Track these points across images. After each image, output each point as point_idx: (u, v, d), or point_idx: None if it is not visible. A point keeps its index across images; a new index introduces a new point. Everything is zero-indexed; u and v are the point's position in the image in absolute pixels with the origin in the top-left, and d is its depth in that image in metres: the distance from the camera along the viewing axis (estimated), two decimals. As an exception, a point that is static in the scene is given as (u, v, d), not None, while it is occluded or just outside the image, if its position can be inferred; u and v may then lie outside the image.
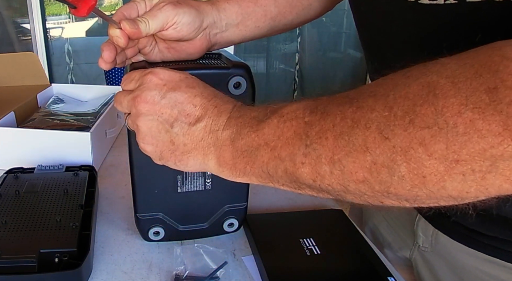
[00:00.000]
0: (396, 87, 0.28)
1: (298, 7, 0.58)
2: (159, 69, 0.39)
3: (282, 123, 0.33)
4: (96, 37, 2.78)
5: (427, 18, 0.38)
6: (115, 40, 0.45)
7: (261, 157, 0.34)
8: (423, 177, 0.26)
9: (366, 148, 0.28)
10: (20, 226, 0.52)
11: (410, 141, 0.25)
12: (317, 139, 0.30)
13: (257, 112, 0.36)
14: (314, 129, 0.31)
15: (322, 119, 0.30)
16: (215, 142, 0.37)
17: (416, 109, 0.25)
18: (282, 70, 3.19)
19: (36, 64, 1.02)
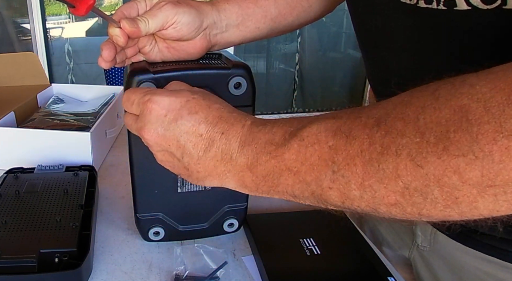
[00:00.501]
0: (425, 109, 0.27)
1: (298, 8, 0.58)
2: (158, 96, 0.37)
3: (303, 148, 0.31)
4: (96, 37, 2.78)
5: (424, 21, 0.38)
6: (115, 39, 0.45)
7: (284, 181, 0.33)
8: (456, 198, 0.26)
9: (397, 175, 0.27)
10: (20, 226, 0.52)
11: (444, 169, 0.25)
12: (345, 166, 0.29)
13: (271, 134, 0.34)
14: (341, 155, 0.29)
15: (348, 144, 0.29)
16: (231, 169, 0.36)
17: (449, 136, 0.25)
18: (282, 70, 3.19)
19: (36, 64, 1.02)
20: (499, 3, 0.32)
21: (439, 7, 0.36)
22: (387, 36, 0.45)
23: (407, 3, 0.39)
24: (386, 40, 0.45)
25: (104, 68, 0.51)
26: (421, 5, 0.37)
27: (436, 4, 0.36)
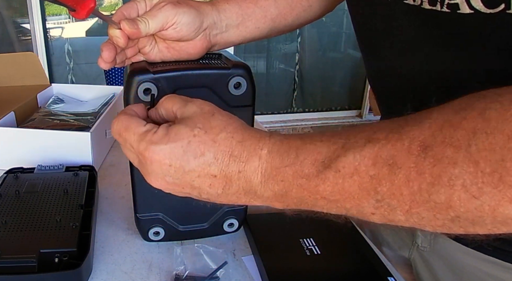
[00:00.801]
0: (476, 134, 0.25)
1: (298, 8, 0.58)
2: (156, 146, 0.33)
3: (341, 180, 0.29)
4: (96, 37, 2.78)
5: (428, 22, 0.38)
6: (115, 40, 0.45)
7: (320, 207, 0.32)
8: (508, 224, 0.26)
9: (449, 205, 0.26)
10: (20, 226, 0.52)
11: (500, 198, 0.24)
12: (390, 196, 0.28)
13: (297, 166, 0.31)
14: (385, 185, 0.28)
15: (393, 174, 0.27)
16: (256, 199, 0.34)
17: (506, 165, 0.24)
18: (282, 70, 3.19)
19: (36, 64, 1.02)
20: (503, 8, 0.31)
21: (442, 9, 0.36)
22: (389, 37, 0.45)
23: (411, 4, 0.39)
24: (388, 40, 0.45)
25: (104, 69, 0.51)
26: (425, 6, 0.37)
27: (440, 6, 0.36)
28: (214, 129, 0.33)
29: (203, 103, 0.36)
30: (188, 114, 0.35)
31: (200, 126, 0.33)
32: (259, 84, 2.64)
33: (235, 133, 0.34)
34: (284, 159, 0.32)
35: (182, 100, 0.36)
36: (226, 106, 0.49)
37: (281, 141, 0.33)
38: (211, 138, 0.33)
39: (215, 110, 0.35)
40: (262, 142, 0.33)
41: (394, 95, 0.50)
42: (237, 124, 0.35)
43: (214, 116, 0.34)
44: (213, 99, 0.48)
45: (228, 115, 0.35)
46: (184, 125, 0.34)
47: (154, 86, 0.46)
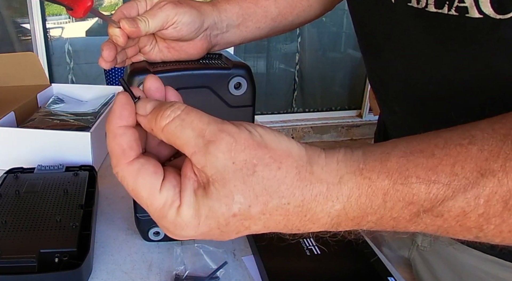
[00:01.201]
0: None
1: (298, 7, 0.58)
2: (183, 231, 0.26)
3: (440, 222, 0.25)
4: (96, 37, 2.78)
5: (433, 25, 0.38)
6: (115, 39, 0.45)
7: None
8: None
9: None
10: (20, 226, 0.52)
11: None
12: (495, 234, 0.25)
13: (384, 212, 0.25)
14: (494, 223, 0.24)
15: (507, 210, 0.23)
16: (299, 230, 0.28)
17: None
18: (282, 70, 3.19)
19: (36, 64, 1.02)
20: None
21: (450, 12, 0.35)
22: (392, 39, 0.44)
23: (415, 6, 0.38)
24: (390, 42, 0.45)
25: (105, 69, 0.50)
26: (430, 9, 0.37)
27: (447, 9, 0.35)
28: (260, 198, 0.25)
29: (232, 146, 0.25)
30: (214, 172, 0.25)
31: (240, 200, 0.25)
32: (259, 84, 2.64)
33: (292, 197, 0.25)
34: (365, 208, 0.25)
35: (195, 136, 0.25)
36: (226, 107, 0.49)
37: (360, 184, 0.25)
38: (258, 211, 0.25)
39: (255, 157, 0.25)
40: (334, 194, 0.25)
41: (395, 97, 0.50)
42: (291, 174, 0.25)
43: (257, 175, 0.25)
44: (213, 100, 0.48)
45: (276, 162, 0.25)
46: (217, 201, 0.25)
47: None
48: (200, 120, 0.25)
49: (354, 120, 3.31)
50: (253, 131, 0.25)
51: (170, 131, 0.25)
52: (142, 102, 0.28)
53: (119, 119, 0.27)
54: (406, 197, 0.24)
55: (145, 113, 0.27)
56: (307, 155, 0.26)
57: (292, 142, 0.26)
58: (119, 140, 0.27)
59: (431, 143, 0.25)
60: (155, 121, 0.26)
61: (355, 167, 0.25)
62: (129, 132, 0.27)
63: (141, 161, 0.27)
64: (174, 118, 0.25)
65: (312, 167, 0.25)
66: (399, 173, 0.24)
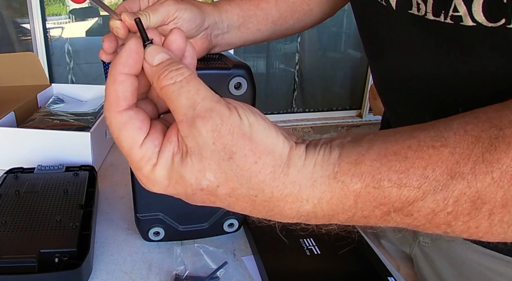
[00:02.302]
0: None
1: (299, 11, 0.58)
2: (153, 186, 0.28)
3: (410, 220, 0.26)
4: (96, 37, 2.78)
5: (432, 32, 0.39)
6: (115, 31, 0.45)
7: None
8: None
9: None
10: (20, 226, 0.52)
11: None
12: (463, 230, 0.26)
13: (355, 211, 0.26)
14: (461, 220, 0.25)
15: (474, 209, 0.24)
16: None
17: None
18: (282, 70, 3.19)
19: (36, 64, 1.02)
20: (504, 22, 0.32)
21: (446, 20, 0.36)
22: (394, 44, 0.45)
23: (415, 14, 0.39)
24: (392, 47, 0.46)
25: (105, 62, 0.50)
26: (429, 17, 0.38)
27: (443, 18, 0.36)
28: (230, 183, 0.26)
29: (217, 127, 0.25)
30: (193, 145, 0.26)
31: (210, 178, 0.26)
32: (259, 84, 2.64)
33: (261, 191, 0.26)
34: (336, 209, 0.26)
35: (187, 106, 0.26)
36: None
37: (333, 188, 0.25)
38: (225, 193, 0.26)
39: (235, 146, 0.25)
40: (304, 196, 0.26)
41: (398, 98, 0.51)
42: (266, 171, 0.25)
43: (232, 161, 0.25)
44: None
45: (254, 156, 0.25)
46: (189, 173, 0.26)
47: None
48: (197, 93, 0.26)
49: (354, 120, 3.31)
50: (244, 119, 0.26)
51: (167, 94, 0.26)
52: (152, 50, 0.28)
53: (122, 66, 0.27)
54: (378, 199, 0.25)
55: (151, 63, 0.28)
56: (288, 155, 0.26)
57: (279, 138, 0.26)
58: (116, 87, 0.27)
59: (404, 144, 0.25)
60: (157, 78, 0.27)
61: (330, 170, 0.26)
62: (129, 81, 0.27)
63: (130, 114, 0.27)
64: (175, 83, 0.26)
65: (289, 168, 0.26)
66: (372, 176, 0.25)
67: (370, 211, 0.25)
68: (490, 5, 0.32)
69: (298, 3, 0.58)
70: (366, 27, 0.51)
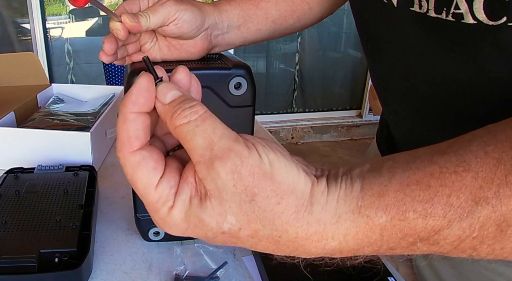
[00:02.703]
0: None
1: (299, 11, 0.58)
2: (171, 230, 0.27)
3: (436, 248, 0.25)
4: (96, 37, 2.78)
5: (434, 29, 0.39)
6: (115, 32, 0.45)
7: None
8: None
9: None
10: (20, 226, 0.52)
11: None
12: (488, 252, 0.25)
13: (381, 244, 0.25)
14: (486, 243, 0.25)
15: (500, 232, 0.24)
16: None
17: None
18: (282, 70, 3.19)
19: (36, 64, 1.02)
20: (505, 20, 0.32)
21: (447, 18, 0.36)
22: (394, 42, 0.45)
23: (416, 11, 0.39)
24: (392, 45, 0.46)
25: (105, 62, 0.50)
26: (430, 14, 0.37)
27: (445, 15, 0.36)
28: (252, 225, 0.25)
29: (237, 168, 0.24)
30: (213, 187, 0.25)
31: (232, 221, 0.25)
32: (259, 84, 2.64)
33: (285, 232, 0.25)
34: (361, 243, 0.25)
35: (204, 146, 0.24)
36: (227, 107, 0.49)
37: (358, 223, 0.25)
38: (247, 234, 0.25)
39: (257, 187, 0.24)
40: (330, 234, 0.25)
41: (397, 97, 0.50)
42: (289, 211, 0.24)
43: (254, 203, 0.24)
44: (213, 100, 0.48)
45: (277, 197, 0.24)
46: (209, 217, 0.25)
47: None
48: (214, 132, 0.25)
49: (354, 120, 3.31)
50: (264, 157, 0.25)
51: (182, 133, 0.25)
52: (163, 88, 0.27)
53: (133, 105, 0.26)
54: (404, 230, 0.24)
55: (163, 101, 0.27)
56: (311, 192, 0.25)
57: (300, 174, 0.25)
58: (127, 126, 0.26)
59: (426, 172, 0.25)
60: (170, 117, 0.26)
61: (353, 204, 0.25)
62: (140, 120, 0.26)
63: (144, 153, 0.26)
64: (189, 122, 0.25)
65: (312, 206, 0.25)
66: (397, 208, 0.24)
67: (396, 242, 0.25)
68: (491, 3, 0.32)
69: (298, 2, 0.58)
70: (365, 25, 0.51)
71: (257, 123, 0.97)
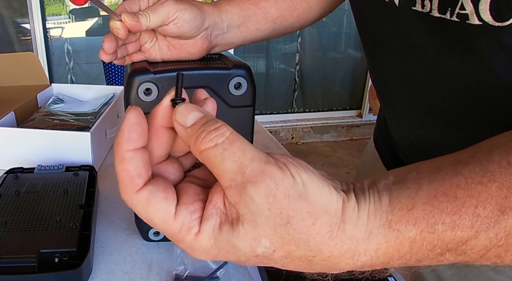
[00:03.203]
0: None
1: (298, 10, 0.58)
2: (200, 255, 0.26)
3: (461, 257, 0.26)
4: (96, 37, 2.79)
5: (437, 29, 0.38)
6: (115, 31, 0.45)
7: None
8: None
9: None
10: (20, 226, 0.52)
11: None
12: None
13: (410, 256, 0.26)
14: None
15: None
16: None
17: None
18: (282, 70, 3.19)
19: (36, 64, 1.02)
20: (511, 22, 0.32)
21: (452, 18, 0.36)
22: (395, 41, 0.45)
23: (419, 10, 0.39)
24: (393, 44, 0.45)
25: (105, 61, 0.50)
26: (434, 14, 0.37)
27: (449, 15, 0.36)
28: (287, 247, 0.24)
29: (271, 191, 0.23)
30: (246, 212, 0.24)
31: (266, 244, 0.24)
32: (259, 84, 2.64)
33: (319, 252, 0.25)
34: (391, 257, 0.25)
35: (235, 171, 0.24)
36: (227, 107, 0.49)
37: (388, 237, 0.25)
38: (281, 255, 0.25)
39: (293, 209, 0.24)
40: (362, 250, 0.25)
41: (397, 96, 0.50)
42: (323, 231, 0.24)
43: (289, 226, 0.24)
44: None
45: (312, 218, 0.24)
46: (242, 242, 0.24)
47: (155, 86, 0.46)
48: (244, 155, 0.24)
49: (354, 120, 3.31)
50: (297, 178, 0.24)
51: (209, 158, 0.24)
52: (183, 110, 0.26)
53: (127, 143, 0.25)
54: (432, 242, 0.25)
55: (184, 124, 0.25)
56: (342, 210, 0.25)
57: (332, 193, 0.25)
58: (126, 165, 0.25)
59: (452, 183, 0.25)
60: (194, 141, 0.25)
61: (384, 219, 0.25)
62: (138, 156, 0.25)
63: (150, 188, 0.25)
64: (217, 145, 0.24)
65: (345, 224, 0.25)
66: (426, 220, 0.24)
67: (425, 254, 0.25)
68: (497, 4, 0.32)
69: (297, 1, 0.58)
70: (365, 22, 0.51)
71: (257, 123, 0.97)
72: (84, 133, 0.73)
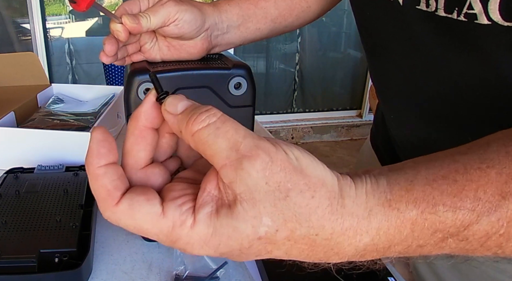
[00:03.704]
0: None
1: (297, 9, 0.58)
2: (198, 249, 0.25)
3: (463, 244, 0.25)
4: (96, 37, 2.79)
5: (443, 29, 0.38)
6: (116, 34, 0.45)
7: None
8: None
9: None
10: (20, 226, 0.52)
11: None
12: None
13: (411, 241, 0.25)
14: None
15: None
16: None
17: None
18: (282, 70, 3.19)
19: (36, 64, 1.02)
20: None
21: (459, 18, 0.35)
22: (399, 40, 0.45)
23: (423, 9, 0.38)
24: (397, 44, 0.45)
25: (105, 63, 0.51)
26: (440, 13, 0.37)
27: (456, 15, 0.36)
28: (289, 224, 0.24)
29: (267, 165, 0.23)
30: (243, 189, 0.23)
31: (268, 223, 0.23)
32: (259, 84, 2.64)
33: (321, 229, 0.24)
34: (393, 239, 0.25)
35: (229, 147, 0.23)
36: (227, 107, 0.49)
37: (389, 216, 0.24)
38: (284, 236, 0.24)
39: (290, 182, 0.23)
40: (364, 228, 0.24)
41: (398, 95, 0.50)
42: (323, 205, 0.24)
43: (289, 200, 0.23)
44: (213, 100, 0.48)
45: (310, 190, 0.23)
46: (243, 222, 0.23)
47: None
48: (236, 132, 0.23)
49: (354, 120, 3.31)
50: (290, 153, 0.24)
51: (202, 138, 0.24)
52: (173, 99, 0.26)
53: (98, 159, 0.25)
54: (434, 225, 0.24)
55: (175, 111, 0.25)
56: (339, 186, 0.25)
57: (326, 169, 0.25)
58: (101, 181, 0.25)
59: (451, 168, 0.25)
60: (186, 124, 0.24)
61: (383, 198, 0.24)
62: (111, 170, 0.25)
63: (129, 196, 0.25)
64: (209, 125, 0.24)
65: (344, 199, 0.24)
66: (426, 201, 0.24)
67: (426, 239, 0.25)
68: (507, 3, 0.32)
69: (297, 0, 0.58)
70: (367, 22, 0.51)
71: (257, 123, 0.97)
72: (84, 133, 0.74)
